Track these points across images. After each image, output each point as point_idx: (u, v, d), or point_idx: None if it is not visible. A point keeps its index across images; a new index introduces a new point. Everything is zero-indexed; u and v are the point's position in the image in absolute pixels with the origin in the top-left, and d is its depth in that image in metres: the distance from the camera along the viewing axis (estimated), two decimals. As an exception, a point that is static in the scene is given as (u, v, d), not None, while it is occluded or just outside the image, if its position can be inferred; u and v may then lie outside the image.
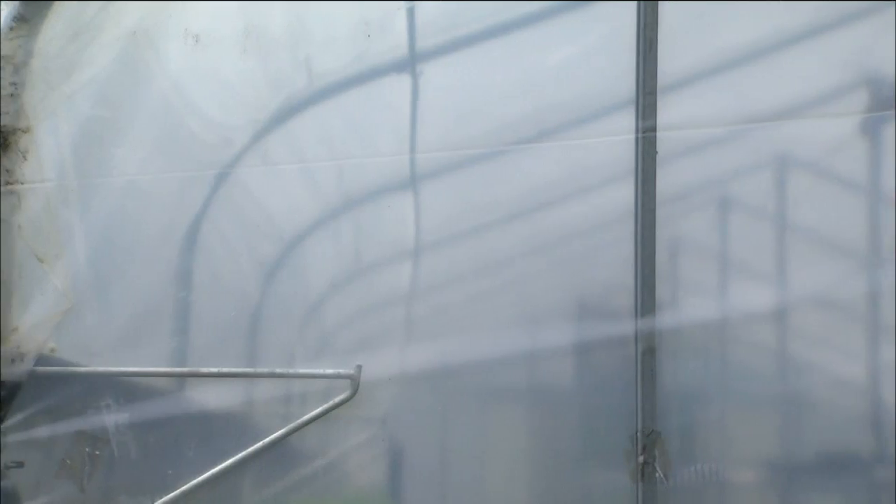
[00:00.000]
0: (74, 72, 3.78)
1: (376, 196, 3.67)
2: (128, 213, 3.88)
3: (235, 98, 3.79)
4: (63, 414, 3.74)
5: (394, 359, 3.53)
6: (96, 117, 3.82)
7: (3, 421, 3.66)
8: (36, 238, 3.78)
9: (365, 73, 3.69)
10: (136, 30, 3.75)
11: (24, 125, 3.74)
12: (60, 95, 3.80)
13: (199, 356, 3.80)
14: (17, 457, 3.69)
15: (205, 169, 3.82)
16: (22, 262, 3.77)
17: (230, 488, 3.66)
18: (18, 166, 3.74)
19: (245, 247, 3.80)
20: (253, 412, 3.75)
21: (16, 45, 3.68)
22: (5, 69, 3.67)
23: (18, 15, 3.67)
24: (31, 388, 3.73)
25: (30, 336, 3.73)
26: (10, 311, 3.74)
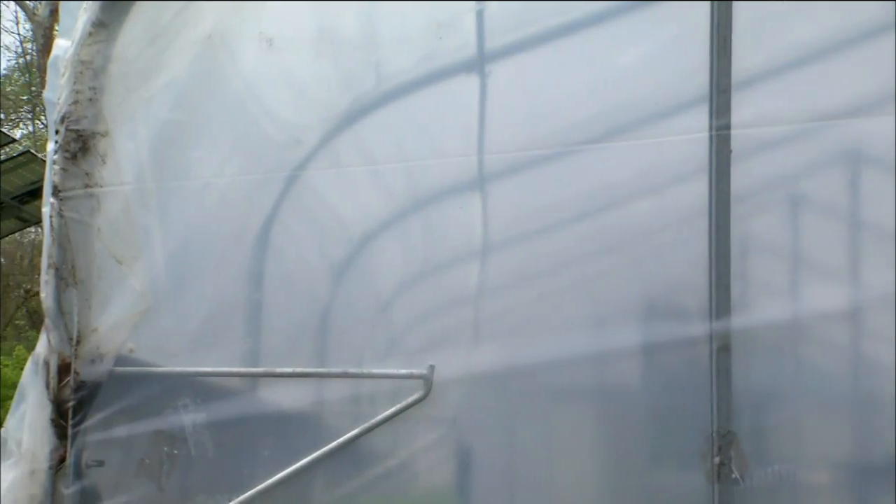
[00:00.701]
0: (152, 76, 3.88)
1: (444, 197, 3.73)
2: (203, 215, 3.97)
3: (308, 100, 3.88)
4: (141, 414, 3.84)
5: (462, 359, 3.58)
6: (173, 121, 3.92)
7: (84, 421, 3.75)
8: (114, 240, 3.88)
9: (434, 73, 3.75)
10: (211, 33, 3.84)
11: (102, 129, 3.84)
12: (138, 99, 3.90)
13: (271, 356, 3.89)
14: (97, 456, 3.78)
15: (277, 171, 3.90)
16: (101, 264, 3.88)
17: (303, 488, 3.73)
18: (97, 170, 3.84)
19: (316, 248, 3.88)
20: (324, 412, 3.83)
21: (95, 50, 3.78)
22: (85, 74, 3.78)
23: (97, 20, 3.77)
24: (111, 388, 3.83)
25: (109, 337, 3.84)
26: (90, 312, 3.84)
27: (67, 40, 3.84)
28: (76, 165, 3.82)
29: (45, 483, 3.75)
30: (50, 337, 3.82)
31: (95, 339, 3.83)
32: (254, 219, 3.92)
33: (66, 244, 3.82)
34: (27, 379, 3.91)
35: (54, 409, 3.77)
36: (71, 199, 3.83)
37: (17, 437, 3.85)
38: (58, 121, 3.83)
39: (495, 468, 3.64)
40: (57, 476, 3.76)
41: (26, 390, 3.90)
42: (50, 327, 3.82)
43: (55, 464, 3.75)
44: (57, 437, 3.75)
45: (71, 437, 3.75)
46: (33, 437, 3.78)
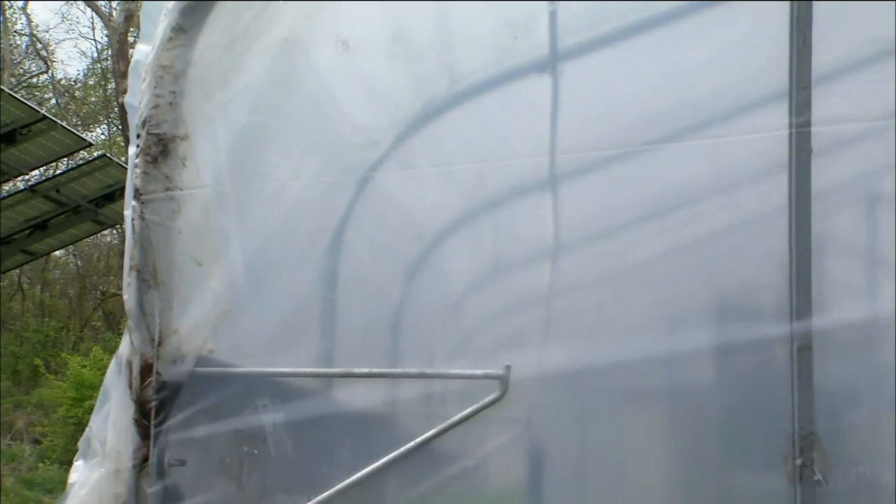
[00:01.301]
0: (230, 79, 3.93)
1: (516, 197, 3.74)
2: (280, 217, 4.02)
3: (381, 102, 3.91)
4: (221, 413, 3.89)
5: (533, 359, 3.57)
6: (251, 124, 3.97)
7: (166, 420, 3.81)
8: (194, 242, 3.94)
9: (506, 74, 3.76)
10: (288, 37, 3.88)
11: (182, 133, 3.90)
12: (217, 103, 3.95)
13: (345, 357, 3.93)
14: (179, 455, 3.83)
15: (351, 172, 3.93)
16: (181, 266, 3.94)
17: (378, 488, 3.76)
18: (178, 173, 3.90)
19: (388, 248, 3.92)
20: (396, 412, 3.87)
21: (174, 54, 3.84)
22: (165, 78, 3.84)
23: (177, 25, 3.83)
24: (191, 388, 3.89)
25: (189, 337, 3.89)
26: (171, 313, 3.90)
27: (148, 45, 3.90)
28: (157, 169, 3.88)
29: (128, 482, 3.82)
30: (132, 338, 3.89)
31: (176, 340, 3.89)
32: (329, 220, 3.96)
33: (148, 247, 3.89)
34: (110, 379, 3.99)
35: (137, 409, 3.83)
36: (152, 202, 3.89)
37: (101, 437, 3.93)
38: (139, 125, 3.89)
39: (567, 469, 3.64)
40: (140, 475, 3.82)
41: (110, 390, 3.97)
42: (132, 328, 3.89)
43: (138, 463, 3.81)
44: (140, 436, 3.81)
45: (153, 436, 3.81)
46: (117, 436, 3.85)
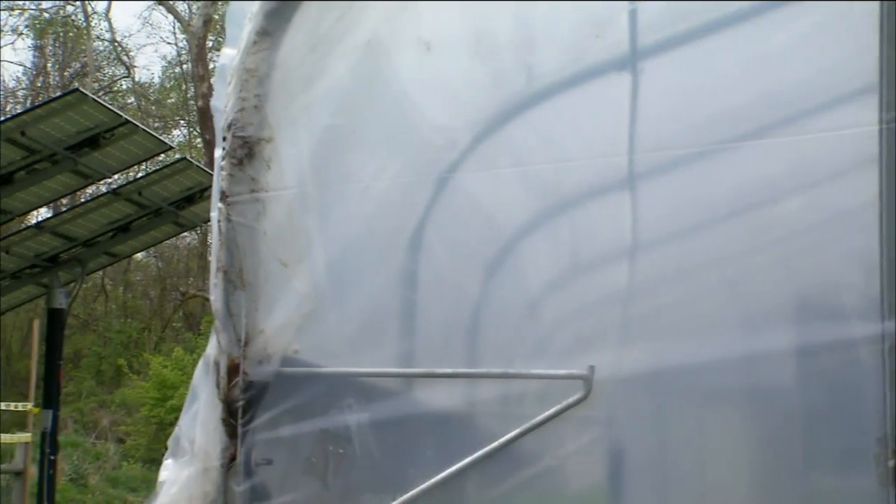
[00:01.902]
0: (313, 82, 3.96)
1: (594, 196, 3.73)
2: (363, 217, 4.04)
3: (461, 103, 3.91)
4: (307, 413, 3.92)
5: (612, 359, 3.55)
6: (334, 126, 4.00)
7: (253, 420, 3.85)
8: (279, 243, 3.98)
9: (585, 72, 3.74)
10: (370, 38, 3.90)
11: (267, 135, 3.94)
12: (300, 105, 3.99)
13: (425, 357, 3.94)
14: (265, 455, 3.87)
15: (430, 173, 3.95)
16: (267, 267, 3.98)
17: (459, 489, 3.77)
18: (263, 175, 3.94)
19: (467, 248, 3.92)
20: (477, 413, 3.88)
21: (259, 58, 3.88)
22: (250, 82, 3.88)
23: (261, 29, 3.87)
24: (277, 388, 3.92)
25: (275, 338, 3.93)
26: (257, 314, 3.94)
27: (233, 49, 3.95)
28: (242, 171, 3.93)
29: (217, 480, 3.87)
30: (219, 338, 3.94)
31: (262, 340, 3.93)
32: (409, 220, 3.97)
33: (234, 248, 3.93)
34: (198, 379, 4.04)
35: (225, 409, 3.88)
36: (238, 204, 3.94)
37: (190, 436, 3.98)
38: (225, 128, 3.94)
39: (648, 470, 3.61)
40: (228, 474, 3.87)
41: (198, 390, 4.03)
42: (219, 329, 3.94)
43: (226, 462, 3.86)
44: (228, 435, 3.86)
45: (241, 435, 3.86)
46: (205, 435, 3.90)
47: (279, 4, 3.86)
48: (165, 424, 23.54)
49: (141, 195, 14.78)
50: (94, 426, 26.24)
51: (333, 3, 3.88)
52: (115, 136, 12.82)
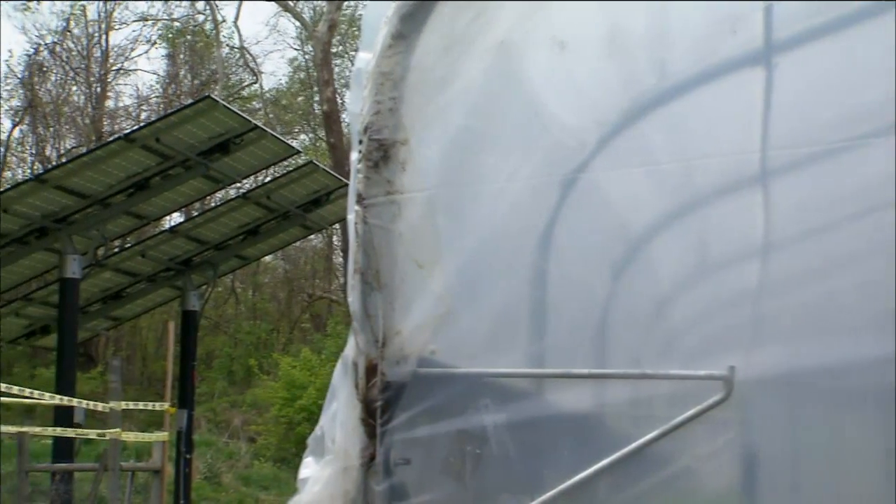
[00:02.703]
0: (447, 84, 3.98)
1: (725, 194, 3.68)
2: (497, 218, 4.05)
3: (593, 102, 3.90)
4: (444, 414, 3.94)
5: (742, 360, 3.48)
6: (468, 127, 4.02)
7: (391, 420, 3.89)
8: (415, 245, 4.00)
9: (717, 69, 3.68)
10: (504, 39, 3.91)
11: (402, 137, 3.97)
12: (435, 107, 4.01)
13: (557, 357, 3.94)
14: (404, 454, 3.91)
15: (561, 173, 3.94)
16: (403, 269, 4.01)
17: (595, 490, 3.74)
18: (398, 177, 3.97)
19: (596, 248, 3.91)
20: (610, 414, 3.87)
21: (394, 61, 3.92)
22: (385, 85, 3.92)
23: (397, 32, 3.91)
24: (414, 388, 3.95)
25: (412, 339, 3.96)
26: (394, 315, 3.97)
27: (368, 53, 4.00)
28: (378, 173, 3.97)
29: (357, 479, 3.92)
30: (357, 339, 3.99)
31: (399, 341, 3.95)
32: (540, 221, 3.98)
33: (370, 250, 3.98)
34: (337, 379, 4.10)
35: (363, 409, 3.92)
36: (374, 206, 3.97)
37: (331, 435, 4.04)
38: (361, 131, 3.98)
39: (782, 472, 3.54)
40: (368, 473, 3.91)
41: (337, 390, 4.09)
42: (357, 330, 3.98)
43: (366, 461, 3.91)
44: (367, 435, 3.91)
45: (379, 435, 3.90)
46: (345, 435, 3.95)
47: (414, 7, 3.88)
48: (294, 424, 23.97)
49: (269, 199, 15.10)
50: (226, 425, 26.85)
51: (468, 4, 3.89)
52: (245, 141, 13.14)
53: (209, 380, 29.83)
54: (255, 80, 38.34)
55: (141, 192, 13.23)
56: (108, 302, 16.10)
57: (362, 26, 4.22)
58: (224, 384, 30.33)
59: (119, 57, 36.68)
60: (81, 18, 35.39)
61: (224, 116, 12.61)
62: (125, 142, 12.44)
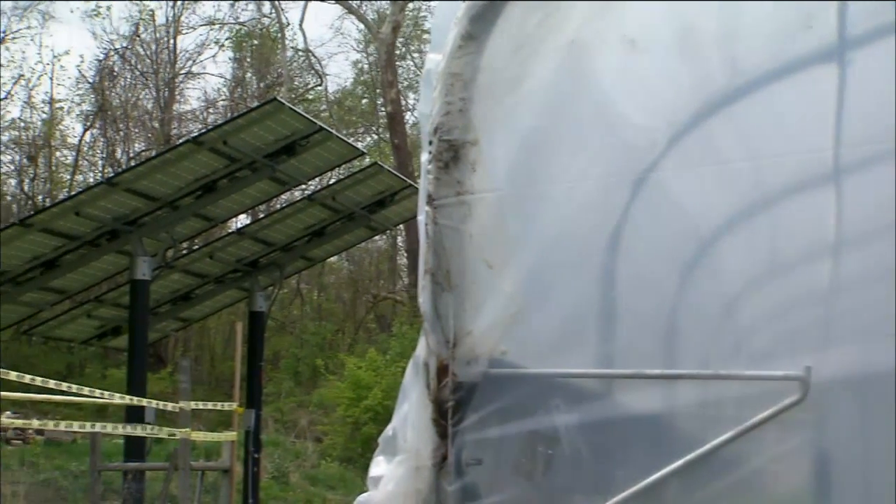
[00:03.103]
0: (517, 84, 3.98)
1: (796, 192, 3.64)
2: (567, 218, 4.04)
3: (663, 101, 3.87)
4: (515, 414, 3.94)
5: (815, 360, 3.44)
6: (538, 127, 4.02)
7: (463, 420, 3.90)
8: (485, 245, 4.00)
9: (789, 66, 3.64)
10: (574, 38, 3.90)
11: (472, 138, 3.97)
12: (504, 108, 4.01)
13: (626, 357, 3.92)
14: (475, 455, 3.91)
15: (630, 173, 3.92)
16: (473, 269, 4.01)
17: (667, 492, 3.70)
18: (468, 177, 3.98)
19: (665, 248, 3.88)
20: (680, 415, 3.83)
21: (464, 62, 3.93)
22: (455, 86, 3.93)
23: (466, 33, 3.91)
24: (486, 389, 3.95)
25: (483, 339, 3.96)
26: (464, 315, 3.98)
27: (438, 54, 4.01)
28: (448, 174, 3.98)
29: (429, 479, 3.93)
30: (428, 340, 4.00)
31: (470, 341, 3.96)
32: (609, 221, 3.97)
33: (441, 250, 3.99)
34: (409, 380, 4.12)
35: (435, 409, 3.94)
36: (444, 207, 3.98)
37: (403, 435, 4.06)
38: (431, 132, 3.99)
39: (853, 475, 3.51)
40: (440, 473, 3.92)
41: (408, 390, 4.10)
42: (428, 331, 3.99)
43: (438, 461, 3.92)
44: (438, 435, 3.92)
45: (451, 436, 3.91)
46: (417, 435, 3.97)
47: (484, 7, 3.89)
48: (360, 424, 24.12)
49: (335, 200, 15.20)
50: (293, 425, 27.08)
51: (538, 4, 3.89)
52: (311, 143, 13.23)
53: (276, 380, 30.11)
54: (320, 83, 38.63)
55: (209, 195, 13.37)
56: (177, 303, 16.30)
57: (431, 28, 4.24)
58: (290, 384, 30.59)
59: (187, 61, 37.20)
60: (150, 23, 35.94)
61: (290, 118, 12.71)
62: (193, 144, 12.58)
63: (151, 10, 35.79)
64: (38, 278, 13.43)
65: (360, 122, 39.92)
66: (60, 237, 12.83)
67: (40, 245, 12.81)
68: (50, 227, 12.61)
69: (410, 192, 15.78)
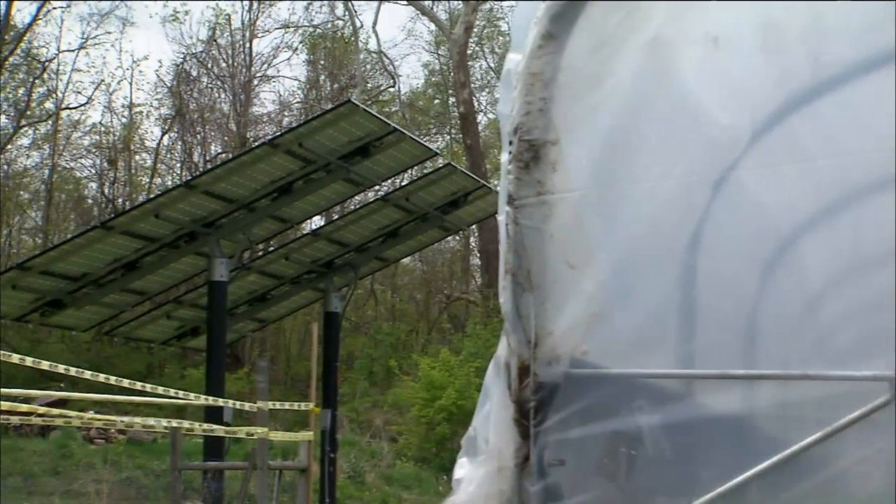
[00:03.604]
0: (598, 83, 3.97)
1: (880, 190, 3.59)
2: (647, 218, 4.02)
3: (745, 99, 3.85)
4: (597, 415, 3.92)
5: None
6: (618, 126, 3.99)
7: (545, 421, 3.89)
8: (566, 245, 4.00)
9: (875, 60, 3.60)
10: (656, 36, 3.87)
11: (552, 138, 3.97)
12: (585, 107, 4.00)
13: (707, 357, 3.90)
14: (557, 455, 3.90)
15: (712, 172, 3.90)
16: (554, 269, 4.00)
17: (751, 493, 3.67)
18: (549, 177, 3.97)
19: (745, 246, 3.87)
20: (762, 415, 3.81)
21: (544, 61, 3.93)
22: (535, 86, 3.93)
23: (546, 33, 3.91)
24: (567, 389, 3.94)
25: (564, 339, 3.95)
26: (545, 315, 3.97)
27: (518, 54, 4.01)
28: (529, 174, 3.97)
29: (511, 480, 3.93)
30: (509, 340, 4.00)
31: (551, 341, 3.95)
32: (690, 220, 3.95)
33: (522, 251, 3.98)
34: (490, 380, 4.12)
35: (516, 410, 3.94)
36: (525, 207, 3.98)
37: (484, 435, 4.07)
38: (511, 132, 3.99)
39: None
40: (522, 473, 3.92)
41: (490, 391, 4.11)
42: (509, 331, 4.00)
43: (520, 462, 3.92)
44: (520, 436, 3.92)
45: (533, 436, 3.90)
46: (498, 435, 3.97)
47: (564, 7, 3.88)
48: (434, 424, 24.15)
49: (408, 201, 15.22)
50: (368, 425, 27.21)
51: (618, 3, 3.88)
52: (384, 144, 13.27)
53: (351, 380, 30.27)
54: (393, 84, 38.79)
55: (284, 196, 13.47)
56: (253, 304, 16.44)
57: (511, 28, 4.24)
58: (365, 384, 30.74)
59: (262, 64, 37.61)
60: (226, 27, 36.39)
61: (364, 120, 12.76)
62: (269, 147, 12.68)
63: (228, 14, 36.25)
64: (119, 280, 13.62)
65: (431, 122, 40.02)
66: (141, 239, 13.01)
67: (121, 247, 13.00)
68: (130, 229, 12.79)
69: (483, 192, 15.77)
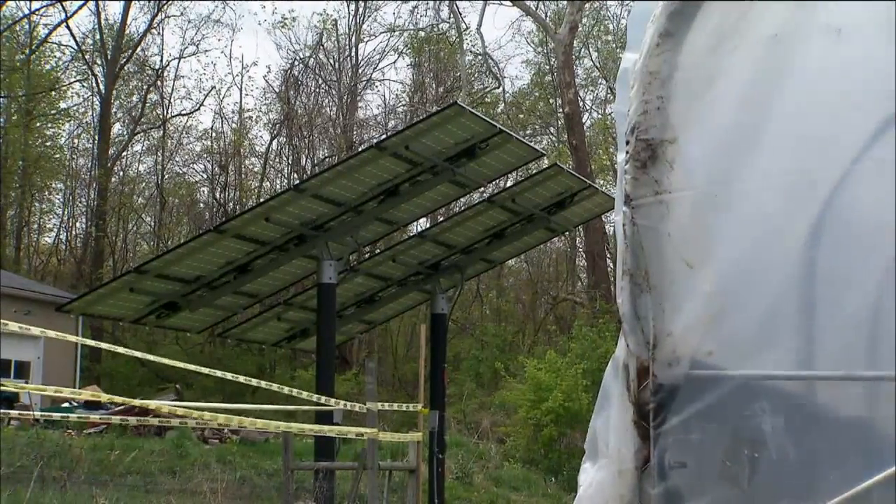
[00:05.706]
0: (715, 80, 3.92)
1: None
2: (766, 216, 3.95)
3: (872, 91, 3.74)
4: (719, 416, 3.86)
5: None
6: (737, 123, 3.93)
7: (665, 423, 3.85)
8: (684, 244, 3.94)
9: None
10: (778, 32, 3.81)
11: (670, 136, 3.93)
12: (703, 105, 3.95)
13: (829, 357, 3.81)
14: (678, 457, 3.85)
15: (832, 167, 3.79)
16: (672, 269, 3.95)
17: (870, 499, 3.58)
18: (666, 176, 3.93)
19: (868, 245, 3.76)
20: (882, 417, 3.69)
21: (661, 60, 3.89)
22: (653, 84, 3.89)
23: (664, 31, 3.87)
24: (688, 390, 3.89)
25: (683, 340, 3.90)
26: (664, 316, 3.93)
27: (635, 53, 3.98)
28: (646, 174, 3.94)
29: (631, 483, 3.90)
30: (628, 341, 3.97)
31: (670, 342, 3.91)
32: (812, 216, 3.85)
33: (639, 251, 3.95)
34: (608, 381, 4.10)
35: (636, 411, 3.90)
36: (642, 207, 3.95)
37: (604, 438, 4.04)
38: (628, 132, 3.96)
39: None
40: (642, 476, 3.89)
41: (609, 392, 4.08)
42: (627, 332, 3.97)
43: (640, 464, 3.88)
44: (640, 438, 3.88)
45: (653, 438, 3.86)
46: (618, 438, 3.94)
47: (682, 5, 3.84)
48: (542, 426, 24.12)
49: (514, 202, 15.22)
50: (475, 426, 27.29)
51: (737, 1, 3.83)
52: (490, 145, 13.29)
53: (457, 381, 30.41)
54: (498, 85, 38.82)
55: (391, 199, 13.59)
56: (361, 306, 16.60)
57: (627, 26, 4.20)
58: (472, 386, 30.85)
59: (367, 68, 38.01)
60: (333, 32, 36.87)
61: (470, 122, 12.80)
62: (376, 150, 12.80)
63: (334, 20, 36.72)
64: (231, 283, 13.89)
65: (535, 123, 39.95)
66: (252, 242, 13.25)
67: (233, 250, 13.25)
68: (242, 233, 13.03)
69: (590, 192, 15.70)
